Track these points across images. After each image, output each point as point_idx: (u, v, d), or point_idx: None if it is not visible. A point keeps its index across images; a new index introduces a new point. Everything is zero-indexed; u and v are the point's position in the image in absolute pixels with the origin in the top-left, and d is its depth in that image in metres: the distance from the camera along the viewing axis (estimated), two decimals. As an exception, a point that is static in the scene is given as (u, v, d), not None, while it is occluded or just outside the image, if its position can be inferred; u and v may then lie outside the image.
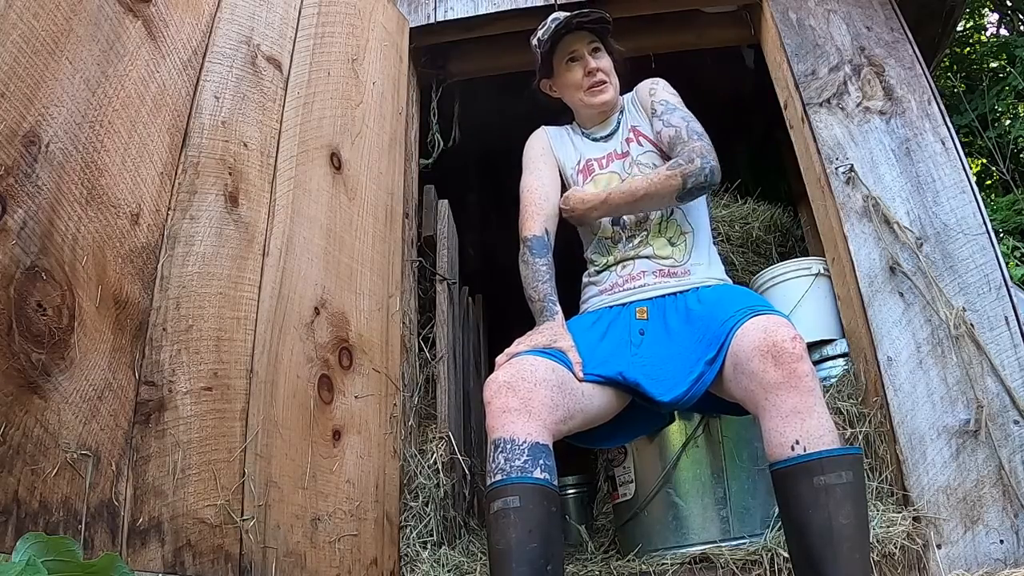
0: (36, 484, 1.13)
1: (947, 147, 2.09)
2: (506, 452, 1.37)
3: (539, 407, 1.41)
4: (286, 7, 1.91)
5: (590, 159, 1.85)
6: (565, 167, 1.87)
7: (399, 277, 2.14)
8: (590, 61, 1.80)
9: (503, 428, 1.39)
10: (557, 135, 1.93)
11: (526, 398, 1.41)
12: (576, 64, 1.81)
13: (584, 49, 1.80)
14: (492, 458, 1.39)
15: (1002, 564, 1.67)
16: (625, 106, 1.90)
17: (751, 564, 1.64)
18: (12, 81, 1.21)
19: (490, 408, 1.43)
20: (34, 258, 1.19)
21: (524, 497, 1.32)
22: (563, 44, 1.82)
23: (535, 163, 1.87)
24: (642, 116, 1.85)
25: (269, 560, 1.49)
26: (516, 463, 1.35)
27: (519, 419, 1.39)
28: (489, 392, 1.45)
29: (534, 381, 1.44)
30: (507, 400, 1.41)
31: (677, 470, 1.75)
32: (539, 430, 1.39)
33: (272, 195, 1.73)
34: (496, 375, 1.47)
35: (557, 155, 1.89)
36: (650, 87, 1.85)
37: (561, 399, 1.46)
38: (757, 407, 1.37)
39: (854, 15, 2.33)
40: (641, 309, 1.67)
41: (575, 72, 1.82)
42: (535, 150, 1.90)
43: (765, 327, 1.37)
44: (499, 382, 1.45)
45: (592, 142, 1.88)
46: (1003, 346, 1.84)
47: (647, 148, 1.81)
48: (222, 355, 1.51)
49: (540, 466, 1.36)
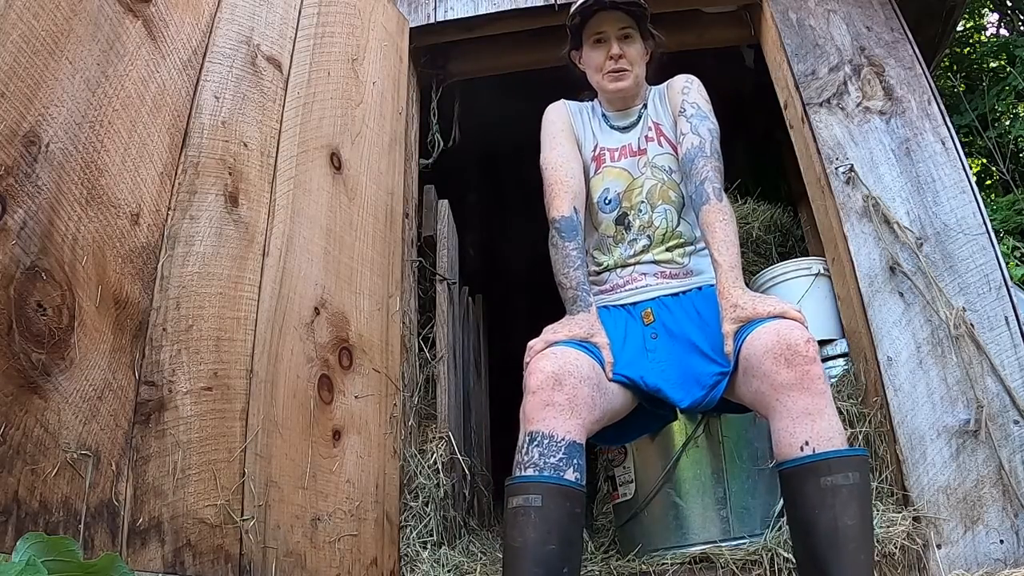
0: (36, 484, 1.13)
1: (947, 147, 2.09)
2: (542, 447, 1.35)
3: (582, 405, 1.39)
4: (286, 7, 1.91)
5: (604, 148, 1.81)
6: (582, 148, 1.82)
7: (399, 277, 2.14)
8: (614, 45, 1.75)
9: (543, 422, 1.37)
10: (577, 111, 1.87)
11: (572, 395, 1.39)
12: (601, 46, 1.77)
13: (612, 31, 1.75)
14: (525, 450, 1.36)
15: (1002, 564, 1.67)
16: (650, 99, 1.84)
17: (751, 564, 1.64)
18: (12, 81, 1.21)
19: (533, 398, 1.39)
20: (34, 258, 1.19)
21: (547, 497, 1.30)
22: (594, 22, 1.77)
23: (556, 138, 1.79)
24: (667, 113, 1.80)
25: (269, 560, 1.49)
26: (551, 460, 1.33)
27: (562, 415, 1.37)
28: (536, 381, 1.41)
29: (579, 377, 1.41)
30: (552, 394, 1.38)
31: (677, 470, 1.75)
32: (578, 429, 1.37)
33: (272, 195, 1.72)
34: (542, 365, 1.42)
35: (576, 132, 1.83)
36: (684, 85, 1.78)
37: (599, 399, 1.44)
38: (768, 408, 1.36)
39: (854, 15, 2.33)
40: (646, 312, 1.66)
41: (599, 53, 1.77)
42: (555, 124, 1.82)
43: (778, 330, 1.37)
44: (546, 373, 1.40)
45: (610, 129, 1.83)
46: (1003, 346, 1.84)
47: (666, 150, 1.77)
48: (222, 355, 1.51)
49: (573, 466, 1.34)
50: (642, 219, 1.73)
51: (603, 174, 1.78)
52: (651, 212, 1.73)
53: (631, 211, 1.75)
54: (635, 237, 1.73)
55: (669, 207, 1.73)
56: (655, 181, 1.75)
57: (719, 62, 3.29)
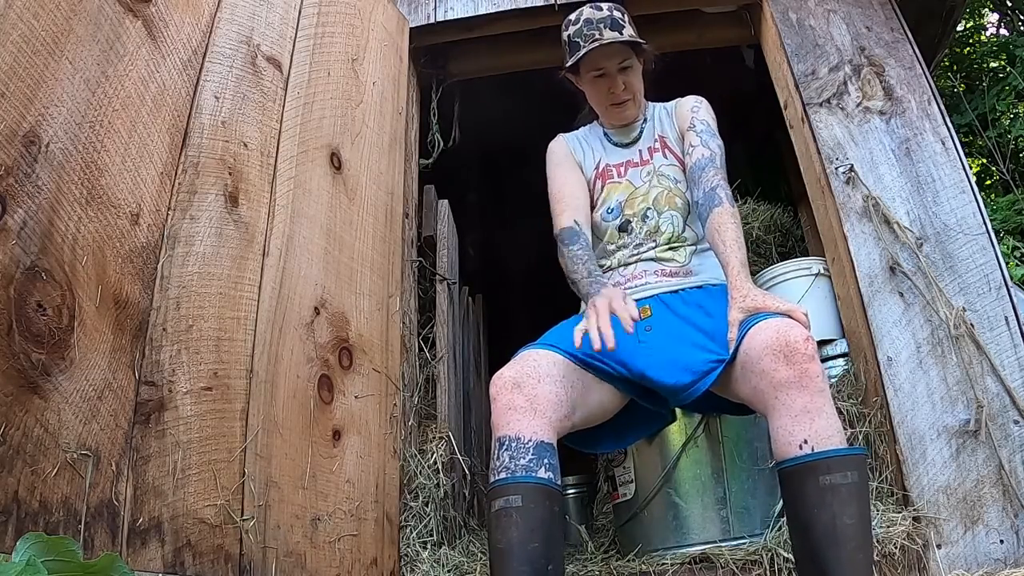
0: (36, 484, 1.13)
1: (947, 147, 2.09)
2: (511, 450, 1.37)
3: (544, 405, 1.42)
4: (286, 7, 1.91)
5: (608, 164, 1.86)
6: (585, 170, 1.88)
7: (399, 277, 2.14)
8: (617, 81, 1.78)
9: (508, 426, 1.40)
10: (575, 141, 1.93)
11: (532, 396, 1.42)
12: (602, 80, 1.79)
13: (612, 66, 1.77)
14: (496, 456, 1.39)
15: (1002, 564, 1.67)
16: (654, 114, 1.89)
17: (751, 564, 1.64)
18: (12, 81, 1.21)
19: (496, 404, 1.43)
20: (34, 258, 1.19)
21: (527, 496, 1.32)
22: (591, 57, 1.76)
23: (559, 167, 1.87)
24: (674, 128, 1.85)
25: (269, 560, 1.49)
26: (521, 462, 1.36)
27: (525, 417, 1.40)
28: (495, 388, 1.45)
29: (537, 377, 1.44)
30: (512, 397, 1.42)
31: (677, 470, 1.75)
32: (544, 428, 1.40)
33: (272, 195, 1.73)
34: (502, 372, 1.47)
35: (577, 159, 1.89)
36: (694, 104, 1.84)
37: (565, 394, 1.46)
38: (766, 406, 1.36)
39: (854, 15, 2.33)
40: (644, 308, 1.66)
41: (600, 86, 1.80)
42: (557, 155, 1.90)
43: (778, 327, 1.37)
44: (505, 378, 1.45)
45: (612, 145, 1.89)
46: (1003, 346, 1.84)
47: (671, 161, 1.81)
48: (222, 355, 1.51)
49: (545, 465, 1.36)
50: (649, 225, 1.76)
51: (608, 189, 1.83)
52: (658, 218, 1.76)
53: (634, 218, 1.78)
54: (640, 241, 1.75)
55: (676, 213, 1.76)
56: (661, 188, 1.78)
57: (719, 62, 3.29)
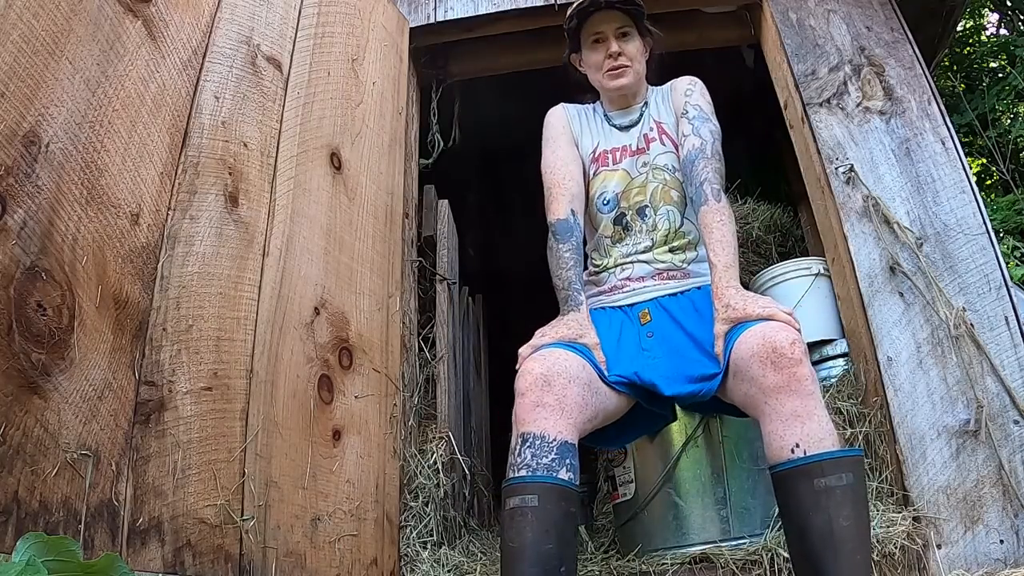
0: (36, 484, 1.13)
1: (947, 147, 2.09)
2: (534, 448, 1.36)
3: (572, 405, 1.40)
4: (286, 7, 1.91)
5: (605, 149, 1.82)
6: (581, 149, 1.84)
7: (399, 277, 2.14)
8: (613, 44, 1.76)
9: (535, 423, 1.38)
10: (576, 113, 1.88)
11: (561, 395, 1.40)
12: (600, 45, 1.79)
13: (610, 31, 1.77)
14: (518, 451, 1.37)
15: (1002, 564, 1.67)
16: (652, 98, 1.86)
17: (751, 564, 1.64)
18: (12, 81, 1.21)
19: (523, 400, 1.41)
20: (34, 258, 1.19)
21: (543, 496, 1.31)
22: (591, 23, 1.79)
23: (555, 141, 1.83)
24: (669, 112, 1.82)
25: (269, 560, 1.49)
26: (543, 460, 1.34)
27: (552, 415, 1.38)
28: (524, 383, 1.42)
29: (568, 377, 1.42)
30: (542, 395, 1.39)
31: (677, 470, 1.75)
32: (569, 428, 1.38)
33: (272, 195, 1.73)
34: (531, 367, 1.44)
35: (575, 134, 1.85)
36: (687, 87, 1.80)
37: (590, 398, 1.45)
38: (757, 411, 1.37)
39: (854, 15, 2.33)
40: (644, 312, 1.67)
41: (598, 53, 1.79)
42: (554, 128, 1.85)
43: (764, 333, 1.37)
44: (535, 374, 1.42)
45: (611, 128, 1.85)
46: (1003, 346, 1.84)
47: (668, 148, 1.78)
48: (222, 355, 1.51)
49: (566, 466, 1.35)
50: (646, 223, 1.75)
51: (602, 175, 1.80)
52: (655, 215, 1.75)
53: (629, 211, 1.76)
54: (638, 239, 1.75)
55: (672, 208, 1.75)
56: (657, 183, 1.76)
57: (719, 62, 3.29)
